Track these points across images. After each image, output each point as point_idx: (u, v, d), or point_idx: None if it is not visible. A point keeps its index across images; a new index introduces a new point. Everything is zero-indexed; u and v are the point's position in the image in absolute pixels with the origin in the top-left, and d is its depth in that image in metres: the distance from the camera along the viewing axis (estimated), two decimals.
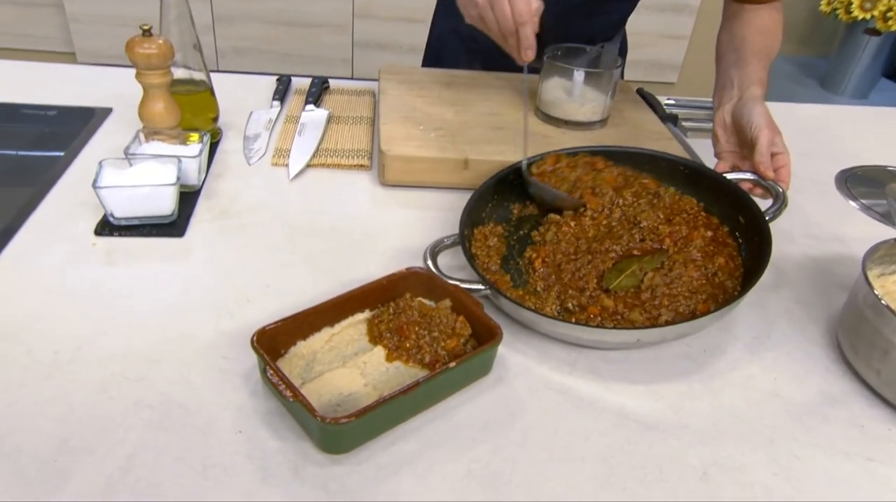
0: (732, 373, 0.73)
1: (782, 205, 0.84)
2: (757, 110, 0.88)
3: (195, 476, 0.56)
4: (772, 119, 0.89)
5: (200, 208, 0.90)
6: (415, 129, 1.02)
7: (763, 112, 0.88)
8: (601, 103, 1.07)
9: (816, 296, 0.85)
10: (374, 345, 0.69)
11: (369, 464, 0.59)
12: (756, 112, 0.88)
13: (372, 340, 0.70)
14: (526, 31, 0.87)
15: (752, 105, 0.89)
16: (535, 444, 0.62)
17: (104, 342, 0.68)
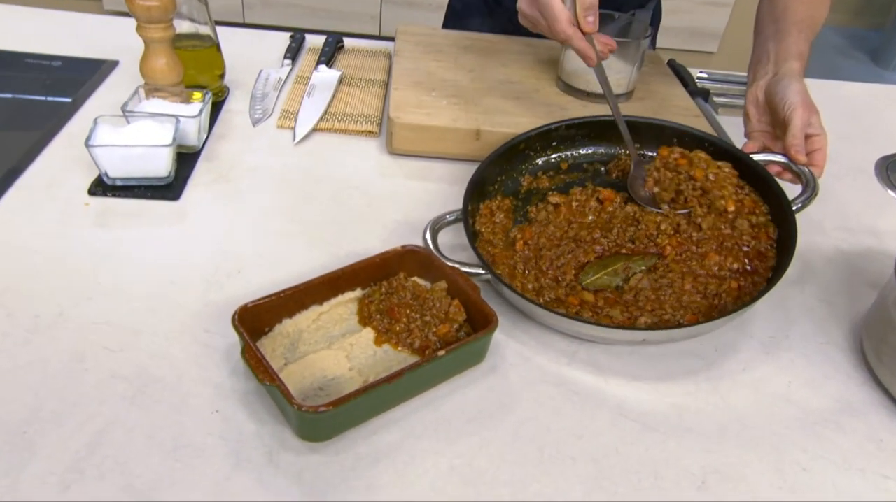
0: (743, 375, 0.68)
1: (813, 193, 0.78)
2: (793, 87, 0.81)
3: (164, 456, 0.54)
4: (809, 97, 0.82)
5: (199, 170, 0.87)
6: (427, 96, 0.97)
7: (799, 89, 0.81)
8: (626, 75, 1.00)
9: (843, 294, 0.80)
10: (363, 326, 0.66)
11: (347, 454, 0.56)
12: (792, 89, 0.81)
13: (361, 321, 0.66)
14: (575, 45, 0.83)
15: (787, 81, 0.82)
16: (524, 440, 0.59)
17: (87, 308, 0.66)
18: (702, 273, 0.72)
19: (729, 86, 1.24)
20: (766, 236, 0.75)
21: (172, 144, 0.79)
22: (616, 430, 0.61)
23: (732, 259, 0.73)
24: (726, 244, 0.75)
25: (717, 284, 0.71)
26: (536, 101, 0.99)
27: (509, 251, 0.77)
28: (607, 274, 0.73)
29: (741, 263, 0.73)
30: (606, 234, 0.77)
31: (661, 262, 0.73)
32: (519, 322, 0.71)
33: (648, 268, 0.73)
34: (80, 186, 0.81)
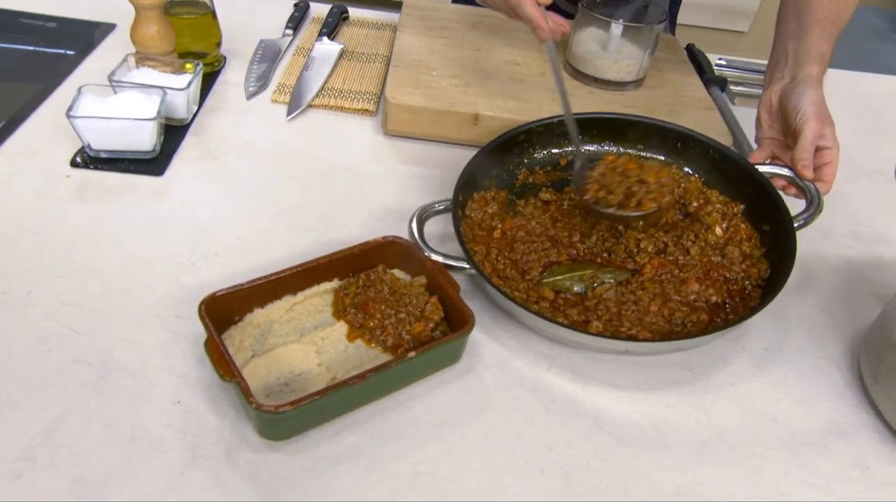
0: (731, 389, 0.65)
1: (816, 210, 0.74)
2: (808, 96, 0.76)
3: (120, 449, 0.53)
4: (824, 107, 0.77)
5: (187, 145, 0.84)
6: (427, 75, 0.93)
7: (814, 98, 0.76)
8: (637, 61, 0.96)
9: (846, 305, 0.76)
10: (337, 319, 0.64)
11: (308, 455, 0.55)
12: (806, 98, 0.76)
13: (335, 314, 0.64)
14: (525, 11, 0.77)
15: (803, 88, 0.77)
16: (492, 448, 0.57)
17: (57, 286, 0.65)
18: (675, 299, 0.68)
19: (749, 74, 1.19)
20: (757, 273, 0.72)
21: (156, 118, 0.77)
22: (590, 443, 0.59)
23: (714, 291, 0.69)
24: (712, 273, 0.71)
25: (686, 313, 0.67)
26: (541, 86, 0.95)
27: (490, 236, 0.75)
28: (571, 278, 0.70)
29: (721, 297, 0.70)
30: (584, 240, 0.74)
31: (636, 279, 0.70)
32: (501, 320, 0.69)
33: (619, 282, 0.70)
34: (63, 157, 0.79)
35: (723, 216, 0.75)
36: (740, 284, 0.70)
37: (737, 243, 0.73)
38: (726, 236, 0.74)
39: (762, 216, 0.75)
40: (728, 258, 0.72)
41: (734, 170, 0.78)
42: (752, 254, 0.73)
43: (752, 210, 0.77)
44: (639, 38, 0.95)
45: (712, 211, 0.75)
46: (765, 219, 0.75)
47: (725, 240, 0.74)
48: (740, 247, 0.73)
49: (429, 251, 0.67)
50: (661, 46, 1.09)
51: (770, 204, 0.74)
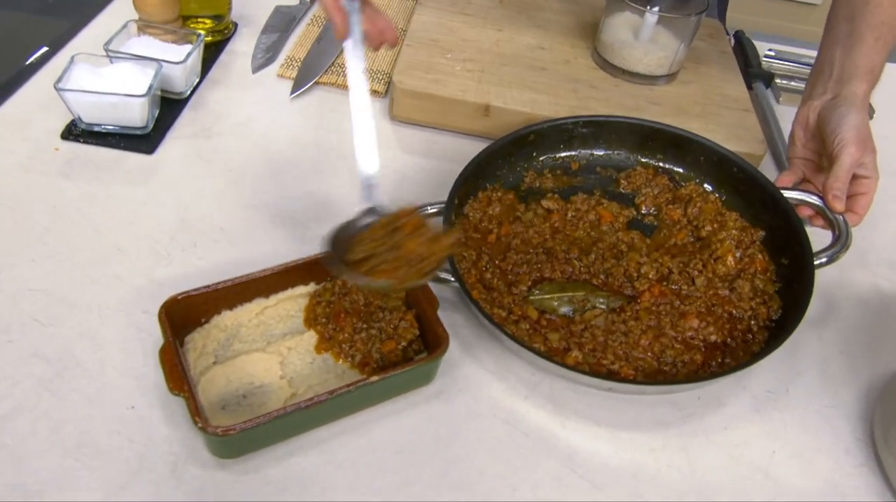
0: (723, 434, 0.60)
1: (843, 247, 0.67)
2: (850, 119, 0.68)
3: (64, 454, 0.51)
4: (866, 132, 0.68)
5: (183, 120, 0.81)
6: (440, 58, 0.87)
7: (857, 123, 0.68)
8: (670, 54, 0.88)
9: (869, 347, 0.69)
10: (307, 327, 0.61)
11: (256, 476, 0.52)
12: (848, 121, 0.68)
13: (307, 322, 0.61)
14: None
15: (846, 109, 0.69)
16: (451, 485, 0.54)
17: (27, 271, 0.63)
18: (670, 334, 0.63)
19: (800, 67, 1.09)
20: (766, 312, 0.65)
21: (147, 95, 0.74)
22: (558, 487, 0.55)
23: (714, 329, 0.63)
24: (716, 309, 0.65)
25: (679, 352, 0.62)
26: (563, 76, 0.88)
27: (484, 239, 0.70)
28: (559, 298, 0.65)
29: (721, 336, 0.63)
30: (582, 257, 0.68)
31: (631, 307, 0.64)
32: (483, 336, 0.65)
33: (612, 309, 0.65)
34: (55, 128, 0.77)
35: (738, 243, 0.69)
36: (746, 324, 0.64)
37: (749, 276, 0.67)
38: (739, 266, 0.68)
39: (782, 247, 0.69)
40: (737, 293, 0.66)
41: (758, 192, 0.72)
42: (764, 290, 0.66)
43: (773, 239, 0.70)
44: (676, 27, 0.87)
45: (726, 238, 0.69)
46: (784, 250, 0.68)
47: (737, 272, 0.67)
48: (753, 280, 0.67)
49: None
50: (703, 34, 1.00)
51: (792, 234, 0.67)
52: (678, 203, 0.74)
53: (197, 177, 0.75)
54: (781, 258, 0.68)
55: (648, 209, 0.74)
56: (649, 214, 0.74)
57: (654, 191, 0.76)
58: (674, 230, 0.72)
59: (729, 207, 0.74)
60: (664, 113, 0.85)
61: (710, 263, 0.67)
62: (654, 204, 0.75)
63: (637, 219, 0.74)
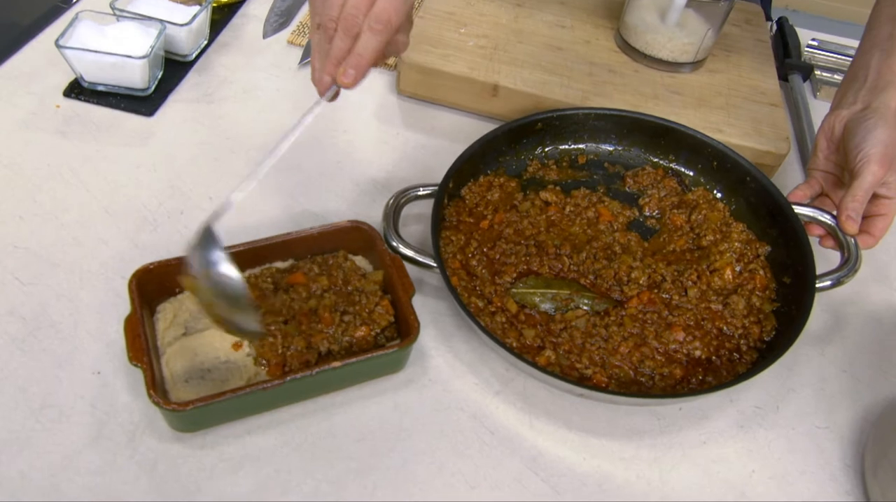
0: (700, 449, 0.58)
1: (850, 272, 0.63)
2: (877, 134, 0.62)
3: (27, 415, 0.52)
4: (894, 149, 0.63)
5: (186, 83, 0.80)
6: (453, 32, 0.84)
7: (884, 138, 0.62)
8: (696, 41, 0.83)
9: (875, 369, 0.65)
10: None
11: (212, 452, 0.52)
12: (874, 136, 0.62)
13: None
14: (367, 44, 0.52)
15: (874, 122, 0.63)
16: (407, 478, 0.53)
17: (15, 228, 0.64)
18: (653, 344, 0.60)
19: (845, 59, 1.02)
20: (758, 332, 0.62)
21: (147, 56, 0.73)
22: (517, 488, 0.54)
23: (700, 344, 0.60)
24: (706, 324, 0.62)
25: (659, 364, 0.59)
26: (580, 57, 0.84)
27: (477, 225, 0.68)
28: (542, 294, 0.62)
29: (707, 353, 0.60)
30: (573, 255, 0.65)
31: (616, 312, 0.62)
32: (463, 326, 0.63)
33: (595, 311, 0.62)
34: (59, 84, 0.77)
35: (740, 257, 0.65)
36: (735, 342, 0.61)
37: (747, 292, 0.63)
38: (737, 281, 0.64)
39: (786, 265, 0.65)
40: (730, 308, 0.62)
41: (768, 204, 0.67)
42: (760, 308, 0.63)
43: (778, 255, 0.66)
44: (705, 12, 0.82)
45: (727, 250, 0.65)
46: (788, 269, 0.64)
47: (734, 286, 0.64)
48: (750, 297, 0.63)
49: (397, 241, 0.61)
50: (740, 19, 0.95)
51: (797, 253, 0.63)
52: (683, 208, 0.71)
53: (193, 142, 0.74)
54: (784, 276, 0.65)
55: (652, 211, 0.71)
56: (652, 217, 0.71)
57: (661, 194, 0.72)
58: (674, 236, 0.68)
59: (736, 218, 0.70)
60: (683, 103, 0.81)
61: (705, 274, 0.64)
62: (659, 206, 0.71)
63: (638, 220, 0.71)
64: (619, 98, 0.80)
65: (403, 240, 0.62)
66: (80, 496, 0.49)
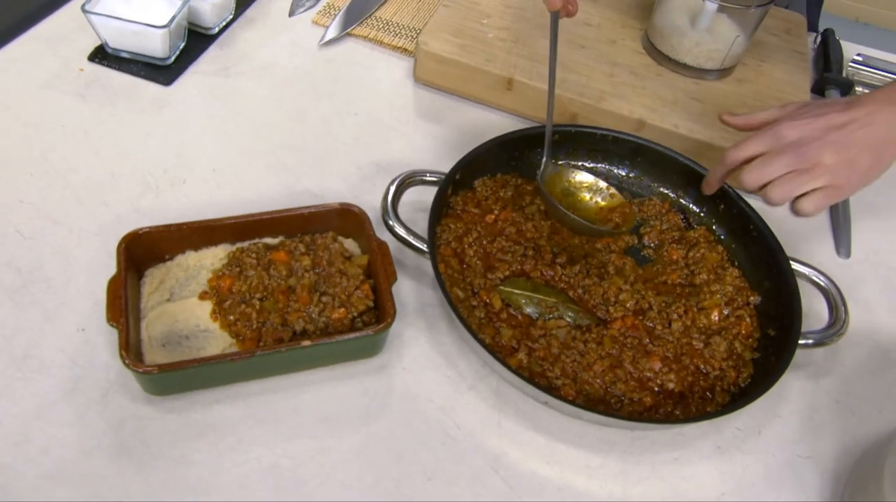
0: (671, 466, 0.56)
1: (836, 334, 0.61)
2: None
3: (8, 363, 0.54)
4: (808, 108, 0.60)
5: (207, 56, 0.82)
6: (475, 23, 0.83)
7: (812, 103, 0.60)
8: (723, 47, 0.80)
9: (872, 402, 0.63)
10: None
11: (178, 417, 0.53)
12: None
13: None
14: None
15: None
16: (366, 462, 0.53)
17: (24, 184, 0.66)
18: (627, 368, 0.58)
19: (889, 77, 0.97)
20: (735, 376, 0.60)
21: (168, 26, 0.74)
22: (474, 486, 0.53)
23: (675, 378, 0.58)
24: (684, 359, 0.60)
25: (630, 388, 0.57)
26: (603, 56, 0.83)
27: (482, 218, 0.68)
28: (527, 297, 0.61)
29: (680, 387, 0.58)
30: (567, 266, 0.64)
31: (597, 330, 0.60)
32: (446, 319, 0.63)
33: (577, 325, 0.61)
34: (86, 49, 0.79)
35: (729, 301, 0.64)
36: (710, 382, 0.59)
37: (730, 336, 0.62)
38: (723, 324, 0.62)
39: (773, 317, 0.63)
40: (711, 349, 0.60)
41: (766, 255, 0.66)
42: (741, 355, 0.61)
43: (767, 306, 0.64)
44: (737, 18, 0.79)
45: (718, 292, 0.64)
46: (774, 321, 0.63)
47: (719, 328, 0.62)
48: (732, 341, 0.61)
49: (394, 220, 0.62)
50: (779, 28, 0.91)
51: (786, 307, 0.61)
52: (683, 244, 0.69)
53: (205, 114, 0.76)
54: (769, 328, 0.62)
55: (651, 241, 0.69)
56: (649, 247, 0.69)
57: (663, 226, 0.70)
58: (668, 269, 0.67)
59: (733, 262, 0.68)
60: (703, 110, 0.78)
61: (692, 311, 0.62)
62: (659, 238, 0.69)
63: (636, 247, 0.69)
64: (637, 101, 0.78)
65: (399, 220, 0.62)
66: (47, 445, 0.51)
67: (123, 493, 0.49)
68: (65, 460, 0.50)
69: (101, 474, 0.50)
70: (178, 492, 0.50)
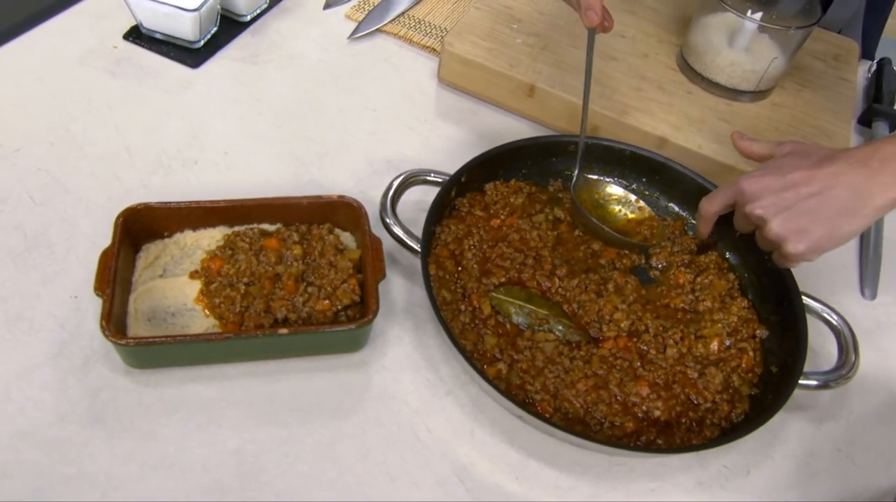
0: (646, 496, 0.54)
1: (843, 377, 0.57)
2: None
3: (0, 322, 0.56)
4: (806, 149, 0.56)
5: (238, 43, 0.83)
6: (505, 27, 0.82)
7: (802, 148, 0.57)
8: (759, 69, 0.77)
9: (879, 455, 0.59)
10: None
11: (154, 391, 0.54)
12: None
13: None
14: None
15: None
16: (331, 457, 0.53)
17: (43, 151, 0.68)
18: (613, 390, 0.56)
19: None
20: (727, 411, 0.57)
21: (198, 10, 0.76)
22: (437, 492, 0.52)
23: (663, 406, 0.56)
24: (675, 387, 0.57)
25: (613, 411, 0.55)
26: (632, 70, 0.80)
27: (487, 221, 0.67)
28: (519, 306, 0.60)
29: (667, 416, 0.55)
30: (565, 279, 0.62)
31: (587, 348, 0.58)
32: (433, 321, 0.62)
33: (567, 340, 0.59)
34: (122, 27, 0.81)
35: (733, 332, 0.61)
36: (699, 414, 0.56)
37: (728, 369, 0.59)
38: (722, 355, 0.59)
39: (777, 355, 0.60)
40: (705, 379, 0.57)
41: (778, 289, 0.62)
42: (738, 389, 0.58)
43: (772, 343, 0.61)
44: (778, 39, 0.76)
45: (720, 321, 0.61)
46: (778, 358, 0.59)
47: (717, 359, 0.59)
48: (730, 374, 0.58)
49: (391, 218, 0.61)
50: (827, 54, 0.87)
51: (793, 346, 0.58)
52: (692, 268, 0.66)
53: (226, 99, 0.77)
54: (772, 365, 0.59)
55: (658, 263, 0.67)
56: (656, 268, 0.67)
57: (673, 249, 0.68)
58: (672, 292, 0.64)
59: (743, 293, 0.65)
60: (730, 132, 0.75)
61: (689, 338, 0.60)
62: (667, 260, 0.67)
63: (642, 267, 0.67)
64: (662, 117, 0.75)
65: (396, 217, 0.62)
66: (24, 406, 0.52)
67: (89, 462, 0.50)
68: (39, 423, 0.51)
69: (71, 440, 0.51)
70: (141, 466, 0.50)
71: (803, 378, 0.56)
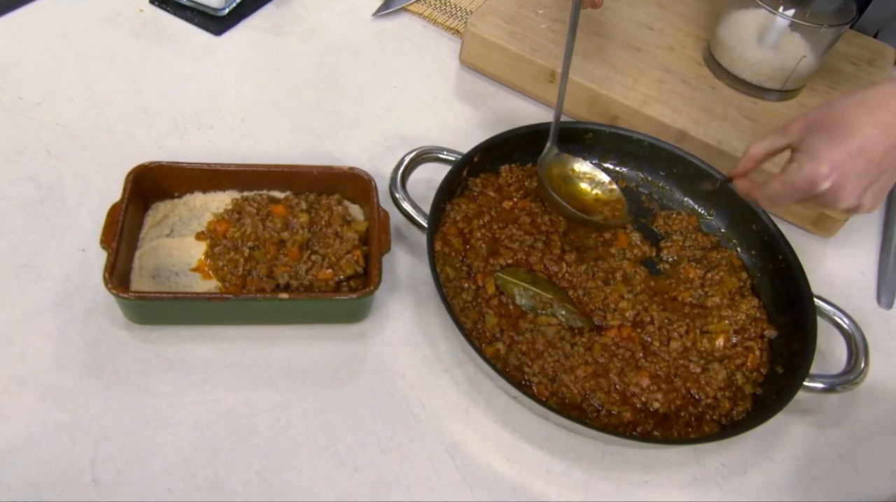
0: (638, 488, 0.53)
1: (850, 382, 0.56)
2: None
3: (8, 269, 0.57)
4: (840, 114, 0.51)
5: (263, 13, 0.83)
6: (530, 11, 0.81)
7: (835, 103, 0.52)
8: (787, 68, 0.75)
9: (881, 464, 0.57)
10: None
11: (152, 347, 0.54)
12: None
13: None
14: None
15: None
16: (323, 424, 0.52)
17: (62, 107, 0.69)
18: (613, 378, 0.55)
19: None
20: (729, 408, 0.55)
21: None
22: (426, 465, 0.52)
23: (663, 398, 0.54)
24: (676, 381, 0.56)
25: (611, 400, 0.54)
26: (657, 62, 0.79)
27: (499, 202, 0.66)
28: (523, 289, 0.59)
29: (666, 409, 0.54)
30: (573, 264, 0.61)
31: (589, 335, 0.57)
32: (435, 297, 0.61)
33: (569, 326, 0.58)
34: None
35: (740, 329, 0.59)
36: (699, 409, 0.55)
37: (733, 366, 0.57)
38: (728, 352, 0.58)
39: (784, 355, 0.58)
40: (708, 375, 0.56)
41: (791, 289, 0.61)
42: (741, 387, 0.57)
43: (780, 344, 0.60)
44: (809, 37, 0.74)
45: (727, 318, 0.59)
46: (785, 359, 0.58)
47: (722, 356, 0.58)
48: (734, 372, 0.57)
49: (400, 193, 0.61)
50: (861, 58, 0.85)
51: (801, 347, 0.56)
52: (702, 264, 0.65)
53: (247, 67, 0.77)
54: (778, 366, 0.58)
55: (669, 256, 0.66)
56: (666, 261, 0.66)
57: (685, 243, 0.66)
58: (681, 286, 0.63)
59: (755, 292, 0.64)
60: (753, 130, 0.74)
61: (695, 332, 0.59)
62: (678, 254, 0.66)
63: (652, 259, 0.65)
64: (683, 110, 0.74)
65: (405, 192, 0.61)
66: (24, 351, 0.53)
67: (83, 410, 0.50)
68: (38, 368, 0.52)
69: (67, 387, 0.51)
70: (134, 418, 0.51)
71: (809, 380, 0.55)
